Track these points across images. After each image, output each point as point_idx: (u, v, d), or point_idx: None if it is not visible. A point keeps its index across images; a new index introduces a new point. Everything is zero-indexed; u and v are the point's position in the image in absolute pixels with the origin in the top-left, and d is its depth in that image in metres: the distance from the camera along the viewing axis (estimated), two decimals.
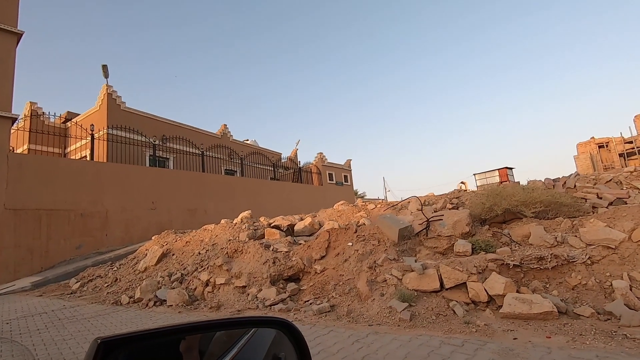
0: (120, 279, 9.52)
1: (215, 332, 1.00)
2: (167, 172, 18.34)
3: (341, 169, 30.24)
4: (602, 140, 30.04)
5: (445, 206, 8.09)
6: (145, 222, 16.11)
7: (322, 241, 6.74)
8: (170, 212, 17.25)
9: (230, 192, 20.36)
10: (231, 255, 7.33)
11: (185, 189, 18.03)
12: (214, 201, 19.22)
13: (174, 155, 20.64)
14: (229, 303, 6.08)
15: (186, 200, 18.01)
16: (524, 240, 5.20)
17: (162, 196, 16.95)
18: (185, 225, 16.86)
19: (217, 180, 20.17)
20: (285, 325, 1.06)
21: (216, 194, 19.56)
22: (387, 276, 4.92)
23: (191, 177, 18.75)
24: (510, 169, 29.42)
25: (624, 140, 28.01)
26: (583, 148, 31.77)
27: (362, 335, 3.75)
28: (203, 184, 19.16)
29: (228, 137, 25.80)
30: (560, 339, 3.08)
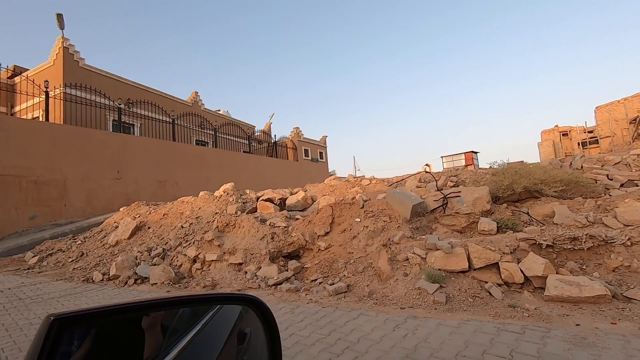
0: (87, 253, 8.56)
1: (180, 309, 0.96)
2: (135, 139, 16.82)
3: (317, 145, 29.62)
4: (565, 129, 31.59)
5: (446, 183, 7.85)
6: (110, 193, 14.77)
7: (326, 216, 6.25)
8: (137, 183, 15.94)
9: (202, 164, 19.21)
10: (222, 229, 6.66)
11: (154, 159, 16.69)
12: (185, 172, 18.04)
13: (140, 122, 18.98)
14: (224, 281, 5.48)
15: (155, 171, 16.71)
16: (545, 219, 5.01)
17: (128, 165, 15.57)
18: (154, 197, 15.68)
19: (189, 150, 18.89)
20: (254, 303, 1.04)
21: (188, 165, 18.34)
22: (409, 254, 4.54)
23: (161, 146, 17.38)
24: (475, 153, 30.27)
25: (585, 130, 29.60)
26: (547, 135, 33.31)
27: (400, 320, 3.35)
28: (174, 154, 17.86)
29: (199, 106, 24.20)
30: (628, 325, 2.84)
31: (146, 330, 0.80)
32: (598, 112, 28.70)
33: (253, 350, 1.08)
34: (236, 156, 22.08)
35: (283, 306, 4.15)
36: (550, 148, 32.19)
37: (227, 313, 1.10)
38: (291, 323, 3.57)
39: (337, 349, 2.87)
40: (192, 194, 15.01)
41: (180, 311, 0.97)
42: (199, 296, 1.12)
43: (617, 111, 25.42)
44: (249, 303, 1.05)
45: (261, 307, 1.04)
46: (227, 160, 20.90)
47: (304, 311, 3.90)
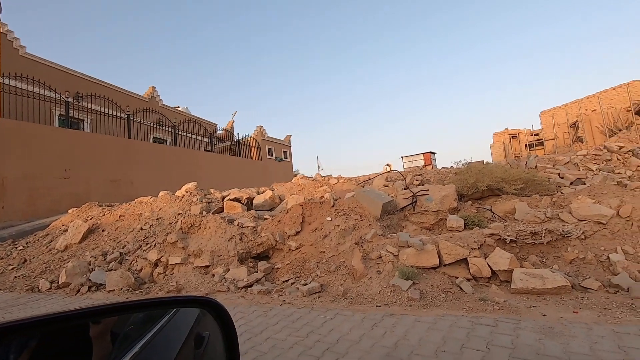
0: (31, 260, 7.79)
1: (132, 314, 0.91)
2: (85, 135, 15.63)
3: (281, 144, 29.33)
4: (514, 132, 33.83)
5: (412, 182, 8.04)
6: (56, 193, 13.58)
7: (296, 215, 6.14)
8: (88, 182, 14.80)
9: (161, 163, 18.26)
10: (186, 231, 6.33)
11: (107, 157, 15.60)
12: (142, 172, 17.04)
13: (90, 117, 17.67)
14: (190, 285, 5.20)
15: (108, 170, 15.62)
16: (506, 215, 5.27)
17: (77, 163, 14.41)
18: (107, 198, 14.62)
19: (146, 148, 17.87)
20: (211, 305, 1.01)
21: (145, 163, 17.35)
22: (382, 252, 4.57)
23: (115, 144, 16.27)
24: (433, 154, 31.64)
25: (531, 133, 31.89)
26: (498, 137, 35.48)
27: (377, 319, 3.35)
28: (129, 152, 16.80)
29: (157, 102, 23.03)
30: (588, 314, 3.03)
31: (94, 339, 0.74)
32: (542, 116, 31.05)
33: (211, 353, 1.05)
34: (197, 155, 21.26)
35: (255, 309, 4.00)
36: (501, 149, 34.28)
37: (184, 317, 1.06)
38: (266, 326, 3.44)
39: (317, 351, 2.79)
40: (150, 194, 14.19)
41: (133, 317, 0.93)
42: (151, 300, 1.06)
43: (559, 116, 27.64)
44: (204, 305, 1.03)
45: (217, 308, 1.01)
46: (187, 159, 20.06)
47: (278, 313, 3.78)
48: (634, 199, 4.39)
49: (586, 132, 22.24)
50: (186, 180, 17.44)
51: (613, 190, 4.73)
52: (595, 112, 22.59)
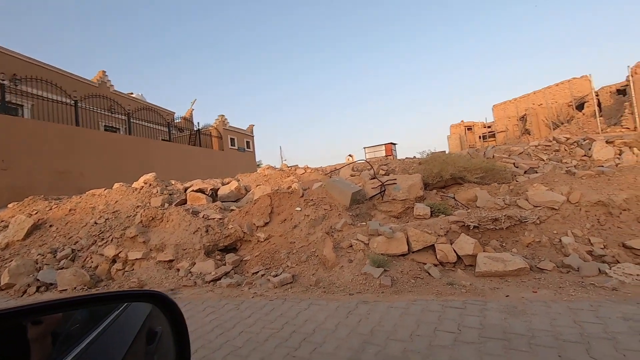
0: None
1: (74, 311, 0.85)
2: (26, 122, 14.23)
3: (243, 134, 28.63)
4: (469, 124, 35.58)
5: (378, 172, 8.19)
6: None
7: (264, 206, 6.02)
8: (30, 174, 13.55)
9: (114, 153, 17.10)
10: (147, 224, 5.99)
11: (52, 146, 14.35)
12: (93, 162, 15.86)
13: (31, 102, 16.09)
14: (154, 281, 4.95)
15: (54, 160, 14.39)
16: (468, 203, 5.52)
17: (17, 153, 13.13)
18: (54, 191, 13.47)
19: (97, 137, 16.65)
20: (158, 298, 0.97)
21: (96, 153, 16.15)
22: (353, 241, 4.61)
23: (61, 132, 14.98)
24: (394, 144, 32.50)
25: (484, 125, 33.70)
26: (454, 129, 37.14)
27: (352, 307, 3.37)
28: (78, 141, 15.55)
29: (108, 87, 21.43)
30: (546, 293, 3.26)
31: (32, 341, 0.69)
32: (495, 110, 32.86)
33: (164, 349, 1.02)
34: (154, 144, 20.16)
35: (226, 303, 3.88)
36: (457, 141, 35.90)
37: (135, 312, 1.02)
38: (239, 320, 3.35)
39: (294, 342, 2.76)
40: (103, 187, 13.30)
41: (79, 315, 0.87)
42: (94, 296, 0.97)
43: (509, 109, 29.42)
44: (151, 299, 0.99)
45: (165, 302, 0.97)
46: (143, 148, 18.97)
47: (251, 306, 3.69)
48: (582, 186, 4.78)
49: (533, 125, 23.95)
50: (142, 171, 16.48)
51: (563, 178, 5.12)
52: (541, 106, 24.33)
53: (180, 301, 4.12)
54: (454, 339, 2.56)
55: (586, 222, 4.32)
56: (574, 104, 21.73)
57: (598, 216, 4.36)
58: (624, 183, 4.77)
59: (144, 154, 18.81)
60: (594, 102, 19.72)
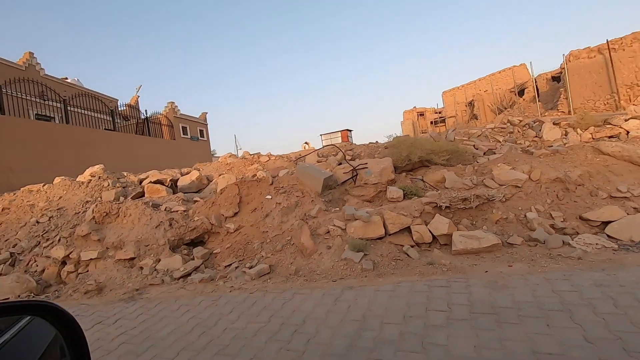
0: None
1: None
2: None
3: (196, 122, 27.25)
4: (421, 110, 36.96)
5: (345, 157, 8.16)
6: None
7: (232, 195, 5.73)
8: None
9: (50, 144, 15.35)
10: (100, 220, 5.44)
11: None
12: (24, 155, 14.15)
13: None
14: (114, 282, 4.52)
15: None
16: (437, 184, 5.67)
17: None
18: None
19: (28, 127, 14.82)
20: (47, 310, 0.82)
21: (27, 145, 14.41)
22: (330, 227, 4.52)
23: None
24: (350, 131, 32.90)
25: (435, 111, 35.20)
26: (407, 115, 38.40)
27: (337, 293, 3.31)
28: (4, 132, 13.77)
29: (37, 71, 19.12)
30: (521, 266, 3.42)
31: None
32: (444, 96, 34.39)
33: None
34: (96, 134, 18.46)
35: (202, 299, 3.63)
36: (410, 126, 37.12)
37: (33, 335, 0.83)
38: (220, 316, 3.14)
39: (284, 335, 2.64)
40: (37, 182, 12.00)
41: None
42: None
43: (458, 95, 30.93)
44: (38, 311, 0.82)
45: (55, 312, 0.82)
46: (83, 139, 17.25)
47: (230, 301, 3.49)
48: (540, 164, 5.10)
49: (480, 110, 25.43)
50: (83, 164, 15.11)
51: (524, 158, 5.43)
52: (487, 92, 25.86)
53: (149, 301, 3.80)
54: (446, 317, 2.59)
55: (547, 198, 4.62)
56: (515, 90, 23.33)
57: (557, 192, 4.68)
58: (576, 160, 5.17)
59: (85, 145, 17.16)
60: (533, 89, 21.29)
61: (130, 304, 3.78)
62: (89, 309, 3.81)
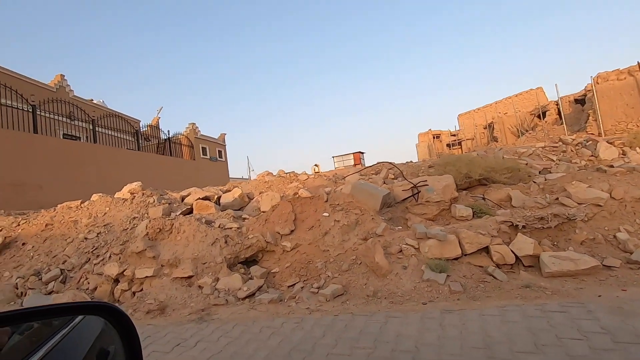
0: None
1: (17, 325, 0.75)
2: None
3: (215, 143, 27.53)
4: (436, 132, 36.90)
5: (387, 176, 7.99)
6: None
7: (286, 213, 5.55)
8: None
9: (77, 163, 15.55)
10: (154, 237, 5.28)
11: (4, 155, 12.77)
12: (52, 173, 14.28)
13: None
14: (175, 301, 4.29)
15: (7, 171, 12.80)
16: (501, 203, 5.42)
17: None
18: (8, 205, 11.91)
19: (58, 146, 15.07)
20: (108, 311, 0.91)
21: (56, 164, 14.58)
22: (402, 246, 4.29)
23: (15, 139, 13.40)
24: (362, 154, 32.93)
25: (451, 133, 35.11)
26: (422, 138, 38.35)
27: (436, 316, 3.04)
28: (35, 151, 13.96)
29: (67, 92, 19.69)
30: (636, 291, 3.13)
31: None
32: (460, 118, 34.39)
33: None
34: (121, 154, 18.70)
35: (282, 321, 3.38)
36: (425, 149, 37.03)
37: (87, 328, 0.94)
38: (313, 340, 2.88)
39: None
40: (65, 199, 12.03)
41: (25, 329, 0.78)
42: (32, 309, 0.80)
43: (476, 118, 30.88)
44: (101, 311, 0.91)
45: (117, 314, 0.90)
46: (109, 158, 17.47)
47: (316, 323, 3.23)
48: (619, 182, 4.85)
49: (500, 133, 25.25)
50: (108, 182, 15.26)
51: (597, 176, 5.18)
52: (507, 115, 25.78)
53: (222, 322, 3.56)
54: (588, 346, 2.31)
55: (634, 218, 4.35)
56: (536, 112, 23.18)
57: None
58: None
59: (109, 164, 17.36)
60: (555, 111, 21.14)
61: (202, 325, 3.54)
62: (159, 329, 3.57)
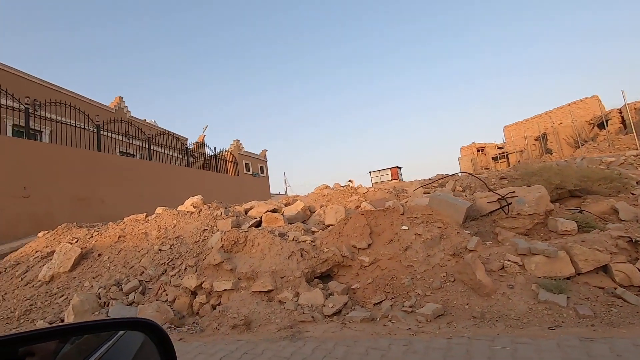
0: (4, 296, 6.17)
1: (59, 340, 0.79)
2: (48, 147, 13.54)
3: (257, 159, 28.11)
4: (480, 145, 35.50)
5: (455, 188, 7.57)
6: (12, 214, 11.46)
7: (360, 226, 5.31)
8: (50, 201, 12.72)
9: (133, 179, 16.37)
10: (228, 249, 5.22)
11: (72, 172, 13.62)
12: (112, 188, 15.06)
13: (50, 128, 15.45)
14: (258, 316, 4.13)
15: (74, 186, 13.60)
16: (604, 216, 4.86)
17: (37, 179, 12.35)
18: (74, 218, 12.55)
19: (117, 162, 15.93)
20: (148, 327, 0.93)
21: (115, 179, 15.38)
22: (505, 262, 3.90)
23: (82, 157, 14.28)
24: (399, 168, 32.21)
25: (496, 146, 33.62)
26: (465, 151, 37.00)
27: (576, 345, 2.63)
28: (98, 167, 14.82)
29: (124, 113, 21.02)
30: None
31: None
32: (506, 130, 32.88)
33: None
34: (173, 170, 19.50)
35: (389, 342, 3.10)
36: (468, 162, 35.65)
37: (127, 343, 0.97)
38: None
39: None
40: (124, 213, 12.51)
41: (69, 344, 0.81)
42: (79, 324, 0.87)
43: (527, 129, 29.35)
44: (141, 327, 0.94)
45: (156, 331, 0.92)
46: (161, 174, 18.27)
47: (430, 347, 2.92)
48: None
49: (554, 144, 23.76)
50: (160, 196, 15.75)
51: None
52: (562, 125, 24.26)
53: (319, 341, 3.33)
54: None
55: None
56: (595, 121, 21.64)
57: None
58: None
59: (161, 180, 18.13)
60: (618, 119, 19.61)
61: (298, 344, 3.33)
62: (252, 346, 3.41)
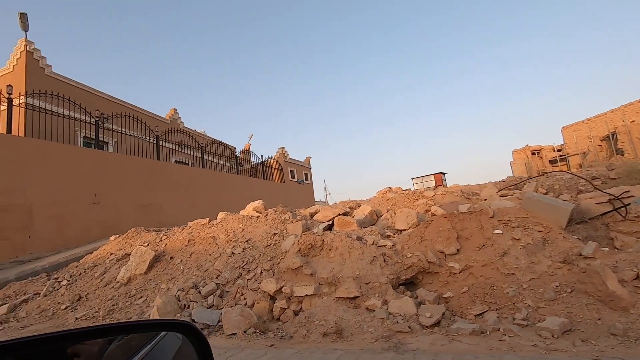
0: (86, 296, 6.43)
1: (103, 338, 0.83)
2: (114, 157, 14.42)
3: (302, 166, 28.28)
4: (535, 148, 33.22)
5: (537, 190, 6.93)
6: (84, 220, 12.19)
7: (445, 230, 4.92)
8: (117, 208, 13.44)
9: (188, 186, 17.01)
10: (305, 253, 5.05)
11: (136, 180, 14.36)
12: (170, 195, 15.72)
13: (114, 139, 16.50)
14: (349, 325, 3.88)
15: (137, 194, 14.33)
16: None
17: (106, 187, 13.12)
18: (137, 224, 13.16)
19: (175, 170, 16.64)
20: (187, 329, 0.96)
21: (172, 187, 16.06)
22: None
23: (144, 166, 15.04)
24: (443, 174, 30.81)
25: (554, 149, 31.26)
26: (518, 154, 34.83)
27: None
28: (157, 175, 15.54)
29: (178, 124, 22.06)
30: None
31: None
32: (565, 131, 30.52)
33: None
34: (224, 177, 20.07)
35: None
36: (522, 166, 33.52)
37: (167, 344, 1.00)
38: None
39: None
40: (180, 219, 12.90)
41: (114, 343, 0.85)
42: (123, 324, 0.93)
43: (592, 129, 26.97)
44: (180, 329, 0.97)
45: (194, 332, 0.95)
46: (214, 181, 18.85)
47: None
48: None
49: (626, 144, 21.55)
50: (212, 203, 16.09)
51: None
52: (634, 123, 21.99)
53: (431, 354, 3.00)
54: None
55: None
56: None
57: None
58: None
59: (213, 187, 18.69)
60: None
61: (406, 356, 3.02)
62: (353, 356, 3.15)
